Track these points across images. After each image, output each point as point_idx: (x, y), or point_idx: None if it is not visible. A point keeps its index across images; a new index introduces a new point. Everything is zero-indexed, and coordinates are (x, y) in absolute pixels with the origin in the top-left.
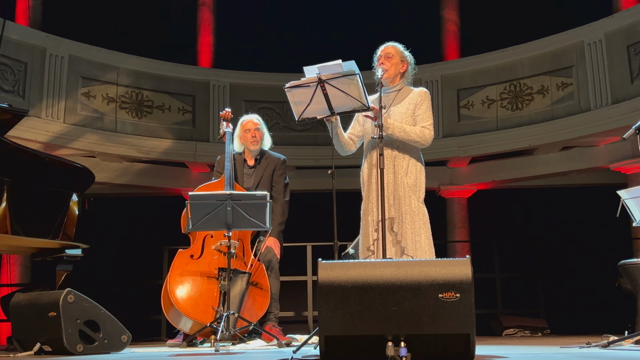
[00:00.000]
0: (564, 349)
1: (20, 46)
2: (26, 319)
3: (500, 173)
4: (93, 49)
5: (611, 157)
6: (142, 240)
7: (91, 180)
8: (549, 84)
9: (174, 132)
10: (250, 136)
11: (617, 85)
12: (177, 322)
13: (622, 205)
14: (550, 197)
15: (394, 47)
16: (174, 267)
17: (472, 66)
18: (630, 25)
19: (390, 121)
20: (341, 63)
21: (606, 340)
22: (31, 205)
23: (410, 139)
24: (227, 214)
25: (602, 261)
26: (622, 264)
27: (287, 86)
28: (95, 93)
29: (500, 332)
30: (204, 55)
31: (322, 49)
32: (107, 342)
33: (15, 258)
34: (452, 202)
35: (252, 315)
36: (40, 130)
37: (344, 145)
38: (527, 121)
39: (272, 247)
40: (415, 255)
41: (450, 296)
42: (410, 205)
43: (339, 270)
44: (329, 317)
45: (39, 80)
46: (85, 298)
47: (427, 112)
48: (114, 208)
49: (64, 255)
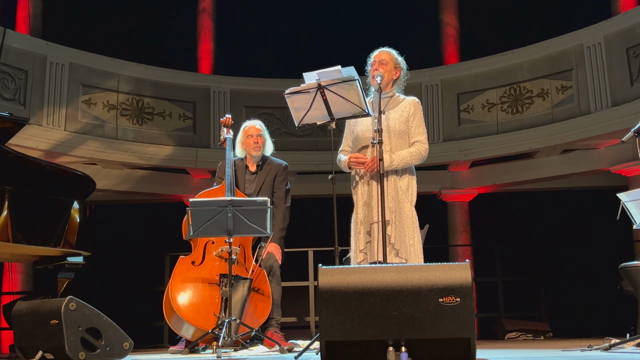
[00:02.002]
0: (566, 352)
1: (21, 54)
2: (28, 327)
3: (501, 176)
4: (93, 56)
5: (612, 159)
6: (143, 247)
7: (92, 187)
8: (549, 87)
9: (175, 139)
10: (253, 142)
11: (617, 87)
12: (179, 329)
13: (622, 208)
14: (551, 200)
15: (388, 53)
16: (176, 273)
17: (472, 70)
18: (629, 28)
19: (394, 157)
20: (340, 69)
21: (608, 343)
22: (32, 213)
23: (413, 164)
24: (228, 220)
25: (604, 264)
26: (623, 267)
27: (287, 92)
28: (96, 100)
29: (503, 336)
30: (204, 62)
31: (322, 55)
32: (109, 349)
33: (17, 266)
34: (454, 206)
35: (253, 321)
36: (41, 138)
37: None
38: (528, 124)
39: (274, 253)
40: (410, 259)
41: (450, 300)
42: (404, 209)
43: (339, 276)
44: (329, 323)
45: (40, 88)
46: (87, 305)
47: (421, 125)
48: (116, 215)
49: (66, 262)
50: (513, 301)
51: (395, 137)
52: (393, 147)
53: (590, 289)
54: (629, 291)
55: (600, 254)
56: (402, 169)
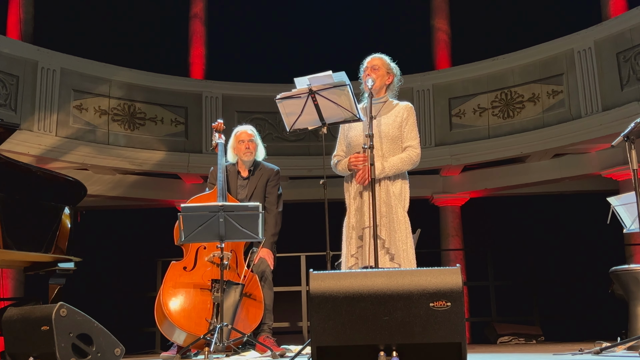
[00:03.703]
0: (557, 356)
1: (11, 60)
2: (19, 333)
3: (493, 181)
4: (85, 61)
5: (602, 164)
6: (135, 253)
7: (83, 193)
8: (540, 91)
9: (167, 144)
10: (244, 147)
11: (607, 92)
12: (170, 335)
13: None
14: (543, 204)
15: (380, 59)
16: (167, 279)
17: (463, 75)
18: (619, 33)
19: (386, 165)
20: (332, 74)
21: (599, 347)
22: (23, 219)
23: (405, 169)
24: (219, 226)
25: (595, 268)
26: (614, 271)
27: (278, 97)
28: (87, 106)
29: (495, 340)
30: (196, 67)
31: (313, 60)
32: (101, 355)
33: (8, 272)
34: (445, 211)
35: (245, 327)
36: (32, 143)
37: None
38: (519, 129)
39: (266, 258)
40: (404, 264)
41: (441, 305)
42: (397, 214)
43: (331, 281)
44: (320, 328)
45: (31, 94)
46: (78, 311)
47: (413, 130)
48: (107, 220)
49: (57, 268)
50: (505, 305)
51: (387, 142)
52: (385, 152)
53: (582, 292)
54: (620, 295)
55: (592, 258)
56: (397, 174)
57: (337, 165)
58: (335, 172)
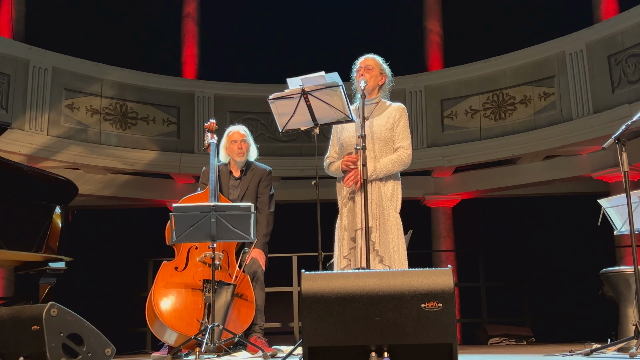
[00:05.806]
0: (548, 358)
1: (3, 58)
2: (8, 333)
3: (485, 182)
4: (77, 60)
5: (593, 166)
6: (126, 252)
7: (75, 192)
8: (532, 93)
9: (159, 144)
10: (237, 147)
11: (599, 94)
12: (161, 335)
13: (603, 214)
14: (534, 205)
15: (373, 60)
16: (159, 279)
17: (455, 76)
18: (610, 36)
19: (377, 166)
20: (324, 75)
21: (589, 348)
22: (13, 218)
23: (396, 170)
24: (211, 226)
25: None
26: (604, 272)
27: (271, 98)
28: (79, 105)
29: (486, 341)
30: (189, 67)
31: (306, 60)
32: (91, 355)
33: None
34: (437, 212)
35: (237, 327)
36: (23, 142)
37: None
38: (510, 131)
39: (257, 259)
40: (395, 266)
41: (432, 306)
42: (389, 216)
43: (322, 281)
44: (312, 328)
45: (22, 93)
46: (69, 311)
47: (405, 131)
48: (98, 220)
49: (47, 268)
50: (496, 306)
51: (380, 143)
52: (377, 153)
53: (572, 294)
54: (610, 296)
55: (582, 260)
56: (389, 176)
57: (330, 166)
58: (327, 173)
